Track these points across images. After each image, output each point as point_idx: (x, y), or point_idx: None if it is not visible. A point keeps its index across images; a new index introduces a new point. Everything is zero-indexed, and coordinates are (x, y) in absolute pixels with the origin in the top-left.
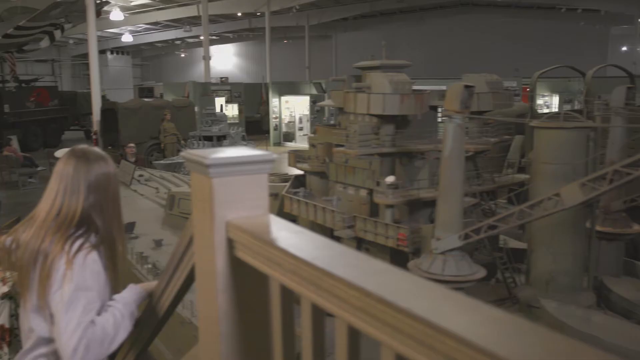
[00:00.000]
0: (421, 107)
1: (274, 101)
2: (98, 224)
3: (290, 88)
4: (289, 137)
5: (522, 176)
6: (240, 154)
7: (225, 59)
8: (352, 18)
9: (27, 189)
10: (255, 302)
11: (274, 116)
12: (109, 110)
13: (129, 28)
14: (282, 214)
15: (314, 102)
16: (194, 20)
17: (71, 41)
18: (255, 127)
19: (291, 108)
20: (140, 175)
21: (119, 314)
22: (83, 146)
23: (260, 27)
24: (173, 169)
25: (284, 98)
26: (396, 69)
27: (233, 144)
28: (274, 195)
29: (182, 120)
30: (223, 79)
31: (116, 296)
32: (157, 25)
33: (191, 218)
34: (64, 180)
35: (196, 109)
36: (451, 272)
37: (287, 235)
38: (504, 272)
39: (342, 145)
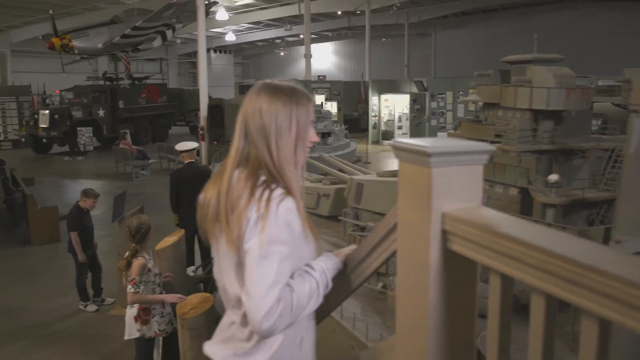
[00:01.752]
0: (586, 102)
1: (373, 99)
2: (270, 170)
3: (389, 86)
4: (388, 135)
5: None
6: (460, 144)
7: (323, 57)
8: (452, 15)
9: (139, 180)
10: (463, 297)
11: (373, 114)
12: (215, 107)
13: (232, 27)
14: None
15: (414, 100)
16: (294, 20)
17: (178, 41)
18: (354, 125)
19: (390, 106)
20: None
21: (315, 283)
22: (265, 80)
23: (359, 26)
24: None
25: (383, 96)
26: (549, 62)
27: (337, 140)
28: None
29: None
30: (321, 77)
31: (311, 262)
32: (258, 24)
33: (396, 206)
34: (240, 118)
35: None
36: None
37: (519, 228)
38: None
39: (492, 142)
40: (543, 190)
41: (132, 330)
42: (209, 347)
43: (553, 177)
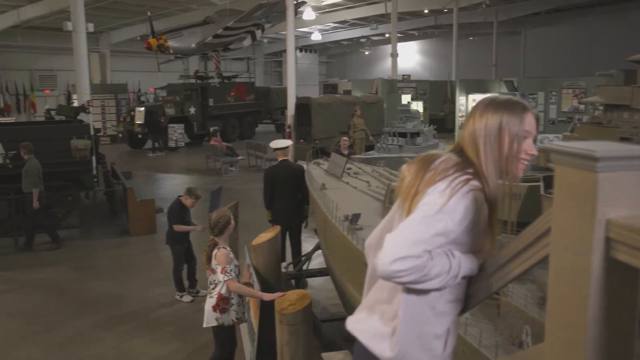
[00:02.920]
0: None
1: (460, 99)
2: (477, 171)
3: (477, 86)
4: None
5: None
6: (628, 147)
7: (408, 56)
8: (544, 13)
9: (228, 176)
10: (624, 308)
11: (460, 114)
12: (302, 105)
13: (318, 27)
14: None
15: None
16: (380, 19)
17: (265, 40)
18: (440, 125)
19: None
20: (349, 169)
21: (448, 266)
22: (496, 95)
23: (445, 24)
24: (369, 164)
25: (471, 96)
26: None
27: (426, 141)
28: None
29: (370, 116)
30: (405, 77)
31: (455, 252)
32: (344, 23)
33: (550, 211)
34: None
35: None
36: None
37: None
38: None
39: None
40: None
41: (210, 319)
42: (351, 323)
43: None
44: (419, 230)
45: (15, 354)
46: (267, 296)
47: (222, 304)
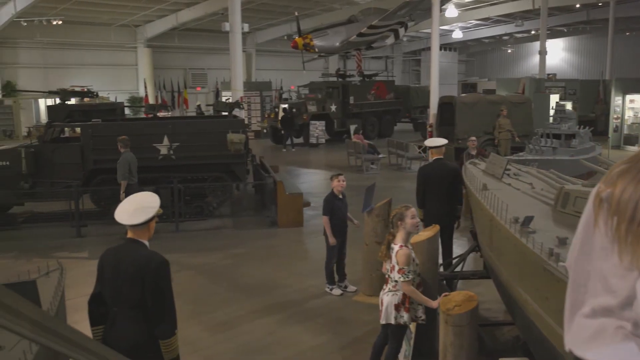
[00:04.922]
0: None
1: (616, 99)
2: None
3: (637, 85)
4: (631, 140)
5: None
6: None
7: (553, 54)
8: None
9: (369, 173)
10: None
11: (614, 116)
12: (445, 104)
13: (460, 24)
14: None
15: None
16: (526, 15)
17: (405, 39)
18: (590, 127)
19: (636, 108)
20: (508, 170)
21: None
22: None
23: (598, 19)
24: (523, 164)
25: (628, 96)
26: None
27: (581, 143)
28: None
29: (517, 116)
30: (550, 76)
31: None
32: (487, 21)
33: None
34: None
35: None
36: None
37: None
38: None
39: None
40: None
41: (390, 317)
42: (596, 356)
43: None
44: None
45: (181, 332)
46: (435, 304)
47: (408, 303)
